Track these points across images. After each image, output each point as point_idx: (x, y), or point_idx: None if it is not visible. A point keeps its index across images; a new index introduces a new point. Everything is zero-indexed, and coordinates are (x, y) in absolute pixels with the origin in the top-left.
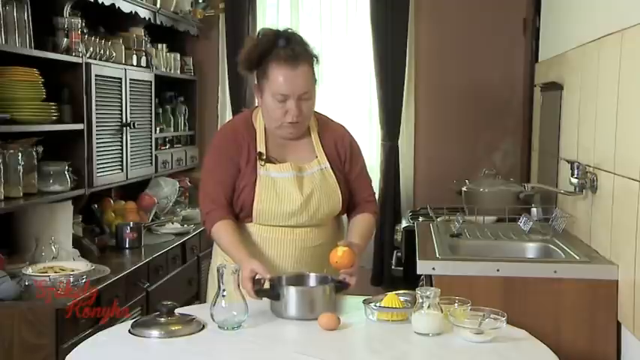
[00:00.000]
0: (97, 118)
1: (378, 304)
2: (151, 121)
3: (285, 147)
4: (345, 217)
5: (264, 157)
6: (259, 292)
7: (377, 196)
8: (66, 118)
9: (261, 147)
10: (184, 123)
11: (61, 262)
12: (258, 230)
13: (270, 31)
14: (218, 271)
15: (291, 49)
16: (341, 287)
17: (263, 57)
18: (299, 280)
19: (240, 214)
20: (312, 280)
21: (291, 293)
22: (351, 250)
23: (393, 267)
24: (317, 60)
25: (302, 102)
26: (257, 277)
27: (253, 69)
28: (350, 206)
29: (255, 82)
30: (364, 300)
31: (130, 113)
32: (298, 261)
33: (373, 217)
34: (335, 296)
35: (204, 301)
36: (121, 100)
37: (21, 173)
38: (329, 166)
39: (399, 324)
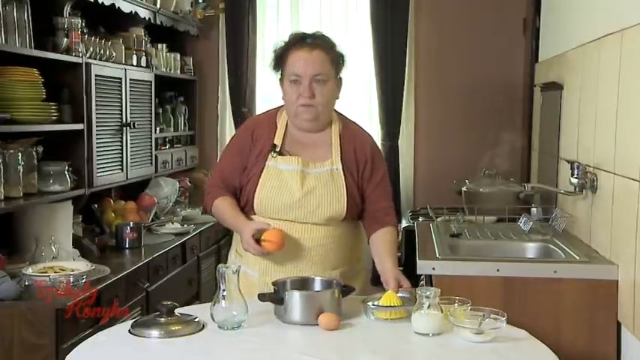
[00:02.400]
0: (97, 118)
1: (376, 303)
2: (151, 121)
3: (302, 144)
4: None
5: (278, 149)
6: (263, 297)
7: None
8: (66, 118)
9: (277, 140)
10: (184, 123)
11: (61, 262)
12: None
13: (299, 33)
14: (218, 271)
15: (313, 41)
16: (346, 291)
17: (286, 50)
18: (304, 284)
19: (245, 207)
20: (318, 284)
21: (295, 297)
22: (276, 230)
23: None
24: (343, 60)
25: (315, 84)
26: (259, 235)
27: (278, 65)
28: (367, 215)
29: (280, 75)
30: (363, 299)
31: (130, 113)
32: (296, 257)
33: (394, 228)
34: (340, 301)
35: (205, 301)
36: (121, 100)
37: (21, 173)
38: (341, 168)
39: (398, 323)
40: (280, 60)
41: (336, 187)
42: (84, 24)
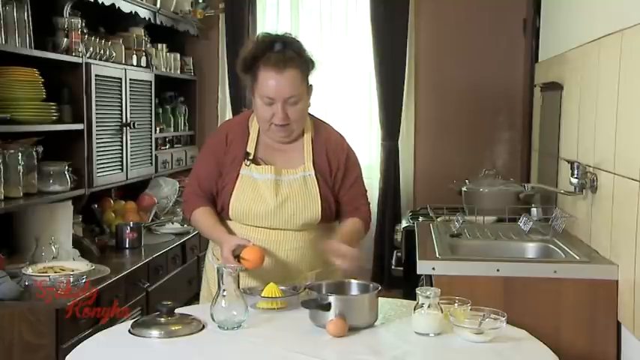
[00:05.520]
0: (97, 118)
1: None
2: (151, 121)
3: (275, 150)
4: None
5: (251, 157)
6: (306, 304)
7: (377, 195)
8: (66, 118)
9: (250, 148)
10: (184, 123)
11: (61, 262)
12: (237, 228)
13: (268, 36)
14: (218, 271)
15: (282, 53)
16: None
17: (255, 60)
18: (339, 288)
19: (222, 212)
20: (354, 287)
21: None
22: (255, 248)
23: (393, 267)
24: (312, 65)
25: (288, 106)
26: (240, 254)
27: (247, 71)
28: (342, 214)
29: (250, 84)
30: (244, 290)
31: (130, 113)
32: (273, 261)
33: (361, 221)
34: (378, 304)
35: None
36: (121, 100)
37: (21, 173)
38: (313, 173)
39: (398, 323)
40: (250, 68)
41: (309, 194)
42: (84, 24)
